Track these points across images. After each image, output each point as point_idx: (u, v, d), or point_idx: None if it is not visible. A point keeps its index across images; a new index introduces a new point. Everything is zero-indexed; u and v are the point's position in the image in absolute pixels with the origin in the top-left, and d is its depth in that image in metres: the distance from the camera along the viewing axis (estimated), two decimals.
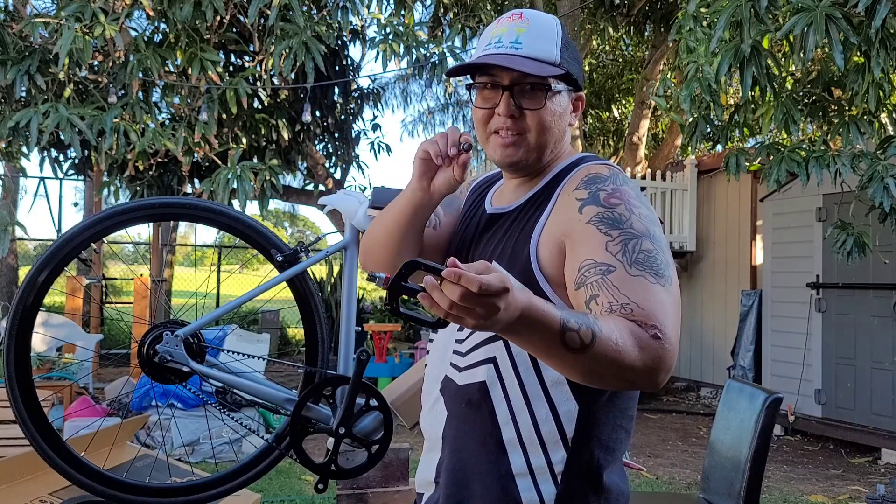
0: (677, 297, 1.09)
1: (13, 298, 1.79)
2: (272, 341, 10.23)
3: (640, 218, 1.12)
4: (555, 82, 1.21)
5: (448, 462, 1.23)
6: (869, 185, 4.20)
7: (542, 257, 1.16)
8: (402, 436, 5.25)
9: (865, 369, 6.15)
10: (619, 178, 1.19)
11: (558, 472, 1.16)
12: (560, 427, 1.16)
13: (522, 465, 1.16)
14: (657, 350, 1.01)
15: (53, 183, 27.71)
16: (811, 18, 3.73)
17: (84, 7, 5.62)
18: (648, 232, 1.12)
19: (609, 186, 1.16)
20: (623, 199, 1.14)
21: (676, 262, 8.65)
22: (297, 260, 1.92)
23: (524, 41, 1.20)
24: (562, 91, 1.24)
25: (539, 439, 1.16)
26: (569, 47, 1.25)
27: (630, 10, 8.87)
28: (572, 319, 0.97)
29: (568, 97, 1.26)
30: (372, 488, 2.67)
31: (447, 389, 1.26)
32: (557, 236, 1.15)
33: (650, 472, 5.30)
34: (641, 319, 1.02)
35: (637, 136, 8.99)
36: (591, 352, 0.97)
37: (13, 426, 4.20)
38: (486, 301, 0.87)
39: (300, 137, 7.76)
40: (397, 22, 6.23)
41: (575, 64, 1.26)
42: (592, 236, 1.11)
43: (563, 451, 1.16)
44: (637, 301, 1.04)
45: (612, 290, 1.06)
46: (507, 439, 1.17)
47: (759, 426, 2.38)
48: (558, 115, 1.24)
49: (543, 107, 1.21)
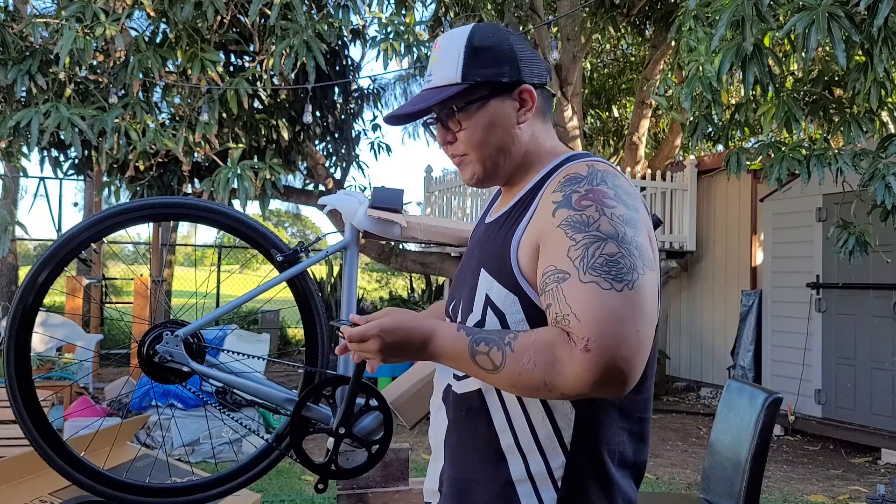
0: (638, 300, 1.03)
1: (13, 298, 1.79)
2: (272, 341, 10.23)
3: (611, 219, 1.08)
4: (462, 100, 1.21)
5: (450, 471, 1.24)
6: (870, 184, 4.19)
7: (523, 262, 1.15)
8: (402, 436, 5.25)
9: (865, 369, 6.15)
10: (598, 177, 1.13)
11: (558, 478, 1.14)
12: (558, 432, 1.14)
13: (522, 472, 1.15)
14: (583, 363, 1.01)
15: (53, 183, 27.77)
16: (813, 17, 3.72)
17: (85, 7, 5.62)
18: (617, 234, 1.07)
19: (583, 187, 1.12)
20: (596, 200, 1.10)
21: (676, 263, 8.68)
22: (296, 260, 1.92)
23: (434, 71, 1.24)
24: (483, 101, 1.22)
25: (537, 445, 1.15)
26: (483, 52, 1.21)
27: (630, 9, 8.86)
28: (483, 342, 1.09)
29: (500, 101, 1.22)
30: (372, 488, 2.67)
31: (448, 398, 1.26)
32: (535, 240, 1.14)
33: (650, 472, 5.30)
34: (575, 331, 1.03)
35: (637, 135, 8.99)
36: (504, 371, 1.06)
37: (13, 426, 4.20)
38: (361, 345, 1.17)
39: (300, 137, 7.75)
40: (398, 21, 6.23)
41: (496, 65, 1.21)
42: (558, 241, 1.09)
43: (562, 456, 1.14)
44: (577, 311, 1.03)
45: (560, 299, 1.06)
46: (505, 446, 1.17)
47: (759, 426, 2.37)
48: (490, 124, 1.22)
49: (465, 127, 1.23)
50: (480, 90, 1.21)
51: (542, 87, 1.26)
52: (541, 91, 1.26)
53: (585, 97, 10.55)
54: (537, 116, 1.26)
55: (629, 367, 1.01)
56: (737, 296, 7.95)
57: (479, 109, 1.22)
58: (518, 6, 8.46)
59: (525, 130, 1.25)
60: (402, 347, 1.15)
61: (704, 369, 8.74)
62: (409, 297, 13.46)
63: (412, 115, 1.26)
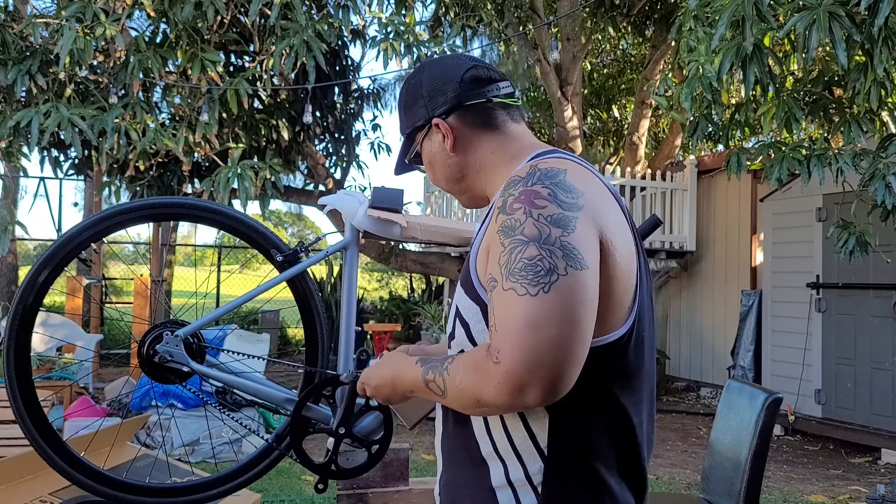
0: (556, 303, 0.99)
1: (13, 298, 1.78)
2: (272, 341, 10.24)
3: (537, 220, 1.04)
4: (406, 152, 1.36)
5: (444, 477, 1.26)
6: (870, 183, 4.19)
7: (480, 271, 1.15)
8: (402, 436, 5.25)
9: (865, 369, 6.15)
10: (535, 177, 1.09)
11: (537, 483, 1.13)
12: (533, 437, 1.13)
13: (502, 478, 1.15)
14: (496, 376, 1.00)
15: (53, 183, 27.74)
16: (814, 16, 3.72)
17: (85, 7, 5.62)
18: (540, 236, 1.03)
19: (518, 189, 1.08)
20: (525, 202, 1.06)
21: (676, 263, 8.69)
22: (296, 260, 1.92)
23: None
24: (417, 147, 1.34)
25: (514, 451, 1.14)
26: (405, 105, 1.33)
27: (630, 9, 8.86)
28: (431, 372, 1.13)
29: (428, 141, 1.31)
30: (372, 488, 2.67)
31: (442, 406, 1.27)
32: (486, 248, 1.13)
33: (650, 472, 5.30)
34: (493, 343, 1.02)
35: (637, 135, 8.99)
36: (448, 395, 1.10)
37: (13, 426, 4.21)
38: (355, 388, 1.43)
39: (300, 137, 7.76)
40: (398, 21, 6.23)
41: (412, 112, 1.32)
42: (495, 247, 1.07)
43: (539, 461, 1.13)
44: (497, 322, 1.02)
45: (492, 309, 1.05)
46: (486, 453, 1.17)
47: (759, 426, 2.37)
48: (430, 163, 1.33)
49: (424, 164, 1.36)
50: (411, 139, 1.34)
51: (463, 107, 1.26)
52: (464, 110, 1.26)
53: (585, 97, 10.55)
54: (475, 133, 1.27)
55: (546, 375, 0.98)
56: (737, 296, 7.95)
57: (421, 154, 1.34)
58: (518, 6, 8.46)
59: (463, 152, 1.28)
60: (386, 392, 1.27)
61: (704, 369, 8.74)
62: (409, 297, 13.46)
63: (401, 166, 1.42)
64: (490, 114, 1.27)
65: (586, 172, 1.14)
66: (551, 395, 1.00)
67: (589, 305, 1.02)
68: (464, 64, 1.29)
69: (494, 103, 1.27)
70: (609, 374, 1.11)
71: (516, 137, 1.27)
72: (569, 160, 1.16)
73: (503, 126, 1.27)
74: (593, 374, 1.07)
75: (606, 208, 1.11)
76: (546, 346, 0.98)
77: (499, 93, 1.28)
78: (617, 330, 1.10)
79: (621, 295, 1.09)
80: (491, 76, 1.28)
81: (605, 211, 1.10)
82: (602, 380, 1.11)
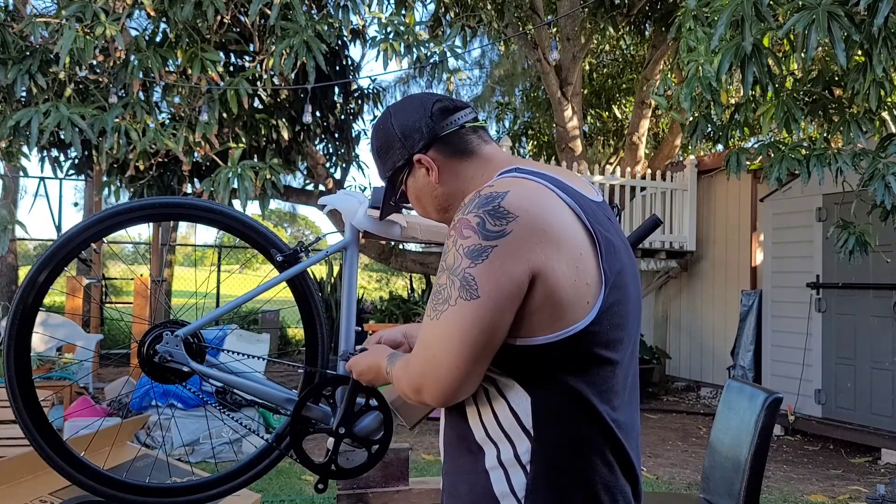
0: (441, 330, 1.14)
1: (13, 298, 1.78)
2: (272, 341, 10.23)
3: (458, 250, 1.14)
4: (391, 195, 1.42)
5: (445, 467, 1.32)
6: (870, 183, 4.19)
7: None
8: (402, 436, 5.25)
9: (865, 369, 6.15)
10: (473, 204, 1.16)
11: (526, 462, 1.19)
12: (518, 419, 1.19)
13: (494, 460, 1.21)
14: (407, 377, 1.22)
15: (53, 183, 27.78)
16: (813, 16, 3.72)
17: (85, 7, 5.62)
18: (452, 265, 1.14)
19: (458, 216, 1.18)
20: (456, 230, 1.16)
21: (676, 263, 8.68)
22: (296, 260, 1.92)
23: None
24: (401, 186, 1.39)
25: (504, 434, 1.20)
26: (379, 152, 1.38)
27: (630, 9, 8.86)
28: (389, 366, 1.32)
29: (411, 178, 1.36)
30: (372, 488, 2.67)
31: None
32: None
33: (650, 472, 5.31)
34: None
35: (637, 135, 8.99)
36: (396, 386, 1.28)
37: (13, 426, 4.20)
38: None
39: (300, 137, 7.76)
40: (398, 21, 6.23)
41: (389, 155, 1.37)
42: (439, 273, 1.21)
43: (527, 441, 1.19)
44: (417, 340, 1.21)
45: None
46: (479, 438, 1.23)
47: (759, 426, 2.37)
48: (417, 198, 1.39)
49: (411, 201, 1.42)
50: (393, 180, 1.39)
51: (440, 139, 1.33)
52: (441, 142, 1.33)
53: (585, 97, 10.55)
54: (454, 161, 1.33)
55: (430, 384, 1.17)
56: (737, 296, 7.95)
57: (406, 192, 1.39)
58: (518, 6, 8.46)
59: (448, 182, 1.34)
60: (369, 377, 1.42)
61: (704, 369, 8.75)
62: (409, 296, 13.46)
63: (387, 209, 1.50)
64: (464, 139, 1.34)
65: (538, 190, 1.18)
66: (443, 399, 1.18)
67: (474, 331, 1.12)
68: (429, 99, 1.36)
69: (467, 129, 1.34)
70: (577, 362, 1.17)
71: (489, 158, 1.33)
72: (520, 178, 1.21)
73: (478, 149, 1.34)
74: (562, 362, 1.16)
75: (546, 224, 1.14)
76: (428, 363, 1.17)
77: (467, 118, 1.35)
78: (576, 324, 1.15)
79: (573, 297, 1.14)
80: (456, 105, 1.36)
81: (541, 229, 1.14)
82: (570, 367, 1.17)
